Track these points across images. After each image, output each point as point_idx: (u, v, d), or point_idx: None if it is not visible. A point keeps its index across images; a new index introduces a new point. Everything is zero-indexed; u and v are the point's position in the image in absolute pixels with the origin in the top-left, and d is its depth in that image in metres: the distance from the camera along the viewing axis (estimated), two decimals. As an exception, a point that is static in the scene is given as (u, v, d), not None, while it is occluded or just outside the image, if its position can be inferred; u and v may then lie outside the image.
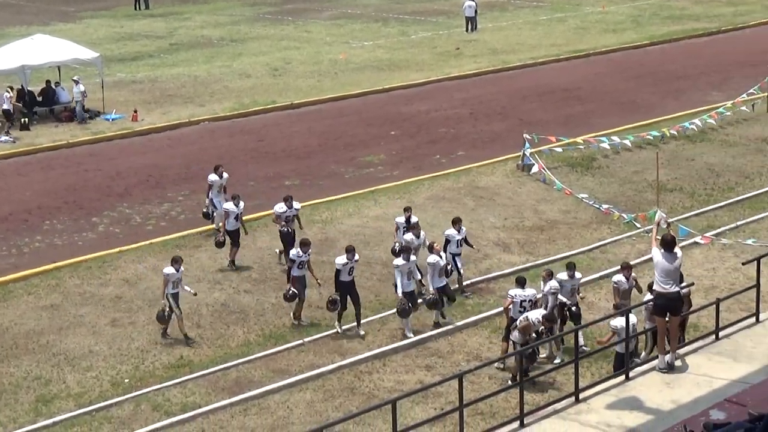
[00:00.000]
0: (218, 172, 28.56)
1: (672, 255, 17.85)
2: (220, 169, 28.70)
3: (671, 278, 17.81)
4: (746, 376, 17.53)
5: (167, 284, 23.21)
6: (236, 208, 26.67)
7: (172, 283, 23.25)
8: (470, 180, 32.79)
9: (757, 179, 33.24)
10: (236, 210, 26.66)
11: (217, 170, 28.66)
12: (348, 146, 37.05)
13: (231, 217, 26.63)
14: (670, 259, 17.78)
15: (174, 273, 23.26)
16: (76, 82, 40.96)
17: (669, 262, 17.75)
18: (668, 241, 18.10)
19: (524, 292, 22.10)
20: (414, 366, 22.22)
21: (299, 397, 21.09)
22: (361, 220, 29.45)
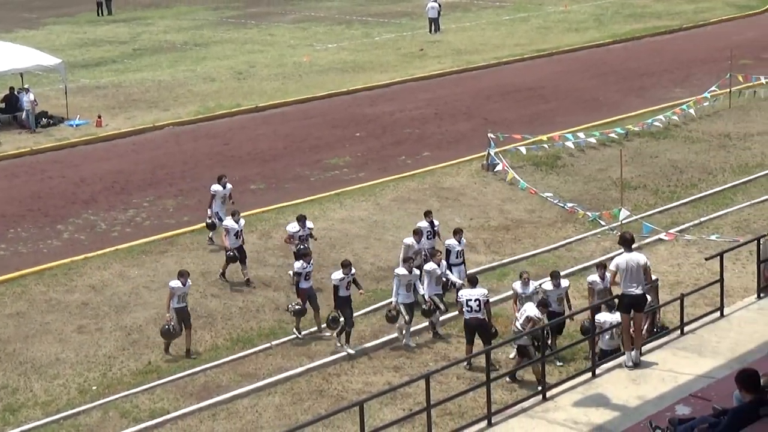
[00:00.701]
0: (221, 182, 27.96)
1: (632, 254, 17.95)
2: (223, 179, 28.05)
3: (635, 279, 17.89)
4: (711, 370, 17.62)
5: (172, 298, 22.64)
6: (236, 225, 25.90)
7: (178, 297, 22.69)
8: (435, 180, 32.84)
9: (720, 175, 33.44)
10: (236, 227, 25.89)
11: (220, 180, 28.05)
12: (313, 148, 37.02)
13: (231, 234, 25.84)
14: (632, 259, 17.86)
15: (180, 287, 22.68)
16: (27, 90, 40.70)
17: (631, 263, 17.83)
18: (627, 239, 18.20)
19: (472, 292, 22.15)
20: (382, 367, 22.23)
21: (268, 400, 21.06)
22: (327, 222, 29.44)
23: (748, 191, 31.87)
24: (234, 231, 25.87)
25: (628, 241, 18.15)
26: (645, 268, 18.10)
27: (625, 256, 17.99)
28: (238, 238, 25.98)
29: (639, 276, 17.94)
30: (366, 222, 29.28)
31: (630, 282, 17.90)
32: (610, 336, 19.94)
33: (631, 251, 18.04)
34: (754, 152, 35.54)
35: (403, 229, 28.65)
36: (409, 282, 23.12)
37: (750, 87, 42.07)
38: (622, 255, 18.09)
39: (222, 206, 27.78)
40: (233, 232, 25.86)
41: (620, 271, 17.88)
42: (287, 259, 26.82)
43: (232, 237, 25.85)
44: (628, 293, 17.96)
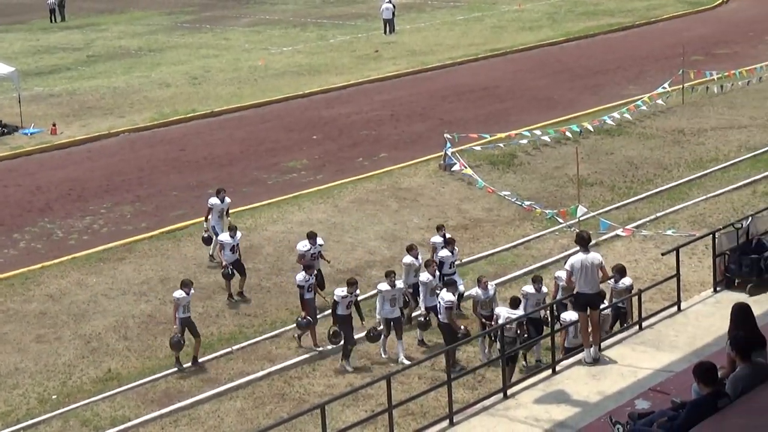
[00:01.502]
0: (220, 196, 27.16)
1: (588, 253, 18.02)
2: (222, 193, 27.29)
3: (590, 279, 17.96)
4: (669, 364, 17.76)
5: (178, 309, 22.36)
6: (231, 240, 25.38)
7: (183, 307, 22.37)
8: (393, 181, 32.87)
9: (674, 170, 33.66)
10: (231, 241, 25.37)
11: (219, 194, 27.26)
12: (270, 152, 36.96)
13: (227, 249, 25.33)
14: (587, 259, 17.93)
15: (185, 297, 22.33)
16: None
17: (586, 263, 17.91)
18: (583, 238, 18.28)
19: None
20: (344, 369, 22.20)
21: (229, 405, 21.01)
22: (286, 226, 29.40)
23: (703, 186, 32.10)
24: (229, 246, 25.34)
25: (584, 241, 18.22)
26: (600, 267, 18.16)
27: (580, 256, 18.05)
28: (234, 252, 25.41)
29: (594, 276, 17.99)
30: (325, 224, 29.26)
31: (585, 282, 17.98)
32: (574, 335, 20.01)
33: (587, 251, 18.10)
34: (707, 147, 35.80)
35: (362, 230, 28.69)
36: (393, 297, 22.63)
37: (702, 83, 42.40)
38: (577, 255, 18.17)
39: (219, 220, 26.97)
40: (228, 247, 25.33)
41: (575, 271, 17.96)
42: (245, 263, 26.73)
43: (228, 252, 25.29)
44: (583, 293, 18.05)
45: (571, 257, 18.43)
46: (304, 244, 24.92)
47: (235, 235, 25.55)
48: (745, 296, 20.14)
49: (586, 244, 18.17)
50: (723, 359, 13.18)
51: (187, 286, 22.56)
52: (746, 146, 35.64)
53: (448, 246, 24.63)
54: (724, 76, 42.64)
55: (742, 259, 21.13)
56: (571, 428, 15.90)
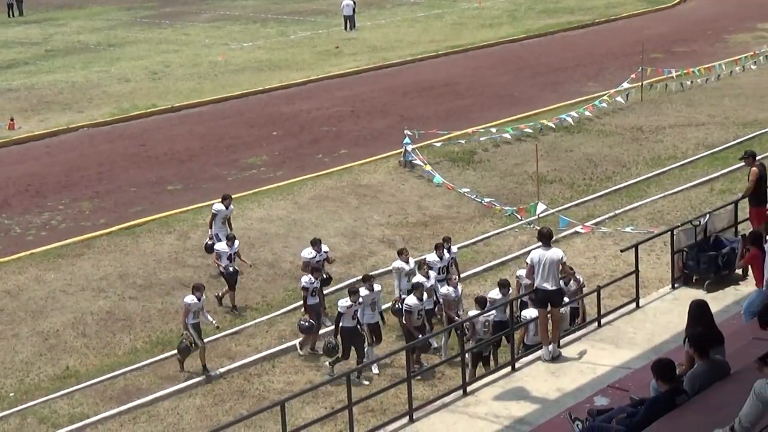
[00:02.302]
0: (225, 203, 26.47)
1: (549, 249, 18.06)
2: (228, 200, 26.63)
3: (550, 274, 18.01)
4: (628, 361, 17.86)
5: (188, 314, 21.83)
6: (228, 249, 24.82)
7: (193, 313, 21.85)
8: (353, 178, 32.84)
9: (633, 168, 33.81)
10: (228, 250, 24.81)
11: (224, 200, 26.56)
12: (230, 148, 36.83)
13: (224, 258, 24.79)
14: (547, 255, 17.97)
15: (196, 302, 21.80)
16: None
17: (545, 258, 17.94)
18: (544, 234, 18.32)
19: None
20: (303, 366, 22.20)
21: (189, 402, 20.93)
22: (246, 222, 29.30)
23: (661, 183, 32.26)
24: (226, 255, 24.81)
25: (545, 237, 18.26)
26: (561, 263, 18.20)
27: (540, 251, 18.08)
28: (232, 261, 24.89)
29: (554, 271, 18.01)
30: (285, 221, 29.20)
31: (544, 277, 18.00)
32: (535, 332, 20.04)
33: (548, 247, 18.13)
34: (666, 145, 35.98)
35: (322, 227, 28.64)
36: (373, 301, 21.99)
37: (661, 80, 42.63)
38: (537, 250, 18.21)
39: (223, 228, 26.25)
40: (225, 256, 24.82)
41: (534, 265, 17.97)
42: (205, 259, 26.69)
43: (225, 260, 24.81)
44: (542, 288, 18.07)
45: (532, 252, 18.46)
46: (308, 251, 24.00)
47: (233, 245, 24.97)
48: (702, 293, 20.29)
49: (547, 240, 18.20)
50: (681, 356, 13.27)
51: (200, 290, 22.00)
52: (704, 144, 35.85)
53: (437, 250, 23.78)
54: (683, 74, 42.89)
55: (699, 256, 21.29)
56: (531, 425, 15.96)
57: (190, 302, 21.83)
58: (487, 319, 20.52)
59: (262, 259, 27.02)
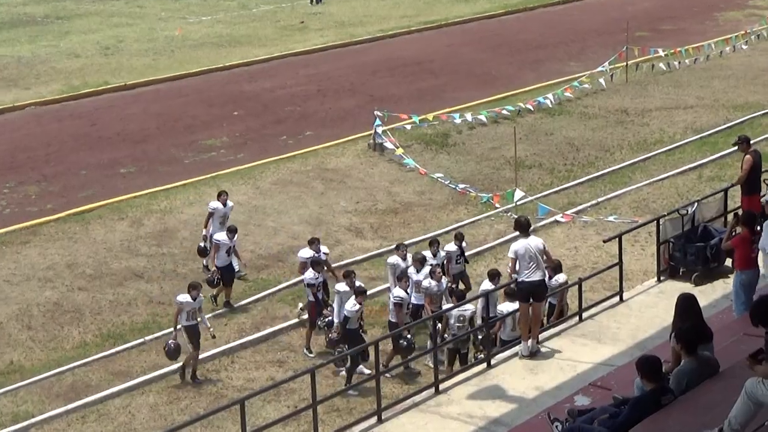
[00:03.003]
0: (221, 199, 25.69)
1: (530, 239, 18.07)
2: (224, 195, 25.86)
3: (535, 265, 17.98)
4: (611, 358, 17.90)
5: (180, 314, 21.25)
6: (229, 241, 24.27)
7: (188, 314, 21.19)
8: (319, 162, 32.78)
9: (617, 152, 33.89)
10: (228, 242, 24.25)
11: (220, 197, 25.79)
12: (188, 129, 36.70)
13: (222, 251, 24.15)
14: (530, 245, 17.96)
15: (190, 301, 21.18)
16: None
17: (530, 249, 17.92)
18: (522, 224, 18.29)
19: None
20: (264, 362, 22.14)
21: (142, 400, 20.84)
22: (203, 208, 29.06)
23: (646, 169, 32.34)
24: (225, 247, 24.23)
25: (524, 226, 18.21)
26: (544, 251, 18.20)
27: (522, 242, 18.02)
28: (230, 255, 24.40)
29: (539, 262, 17.99)
30: (245, 207, 29.11)
31: (530, 269, 17.93)
32: (512, 327, 20.03)
33: (528, 236, 18.10)
34: (652, 128, 36.09)
35: (285, 214, 28.56)
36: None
37: (647, 60, 42.73)
38: (519, 241, 18.12)
39: (221, 228, 25.17)
40: (224, 248, 24.20)
41: (519, 257, 17.92)
42: (159, 248, 26.60)
43: (222, 254, 24.18)
44: (528, 281, 17.99)
45: (513, 244, 18.36)
46: (306, 251, 23.52)
47: (233, 237, 24.49)
48: (690, 286, 20.39)
49: (526, 230, 18.16)
50: (667, 353, 13.29)
51: (196, 289, 21.40)
52: (692, 128, 35.98)
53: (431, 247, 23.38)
54: (670, 54, 43.01)
55: (687, 247, 21.36)
56: (507, 426, 15.97)
57: (183, 301, 21.23)
58: (462, 314, 20.46)
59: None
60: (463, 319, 20.46)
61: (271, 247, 27.11)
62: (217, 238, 24.52)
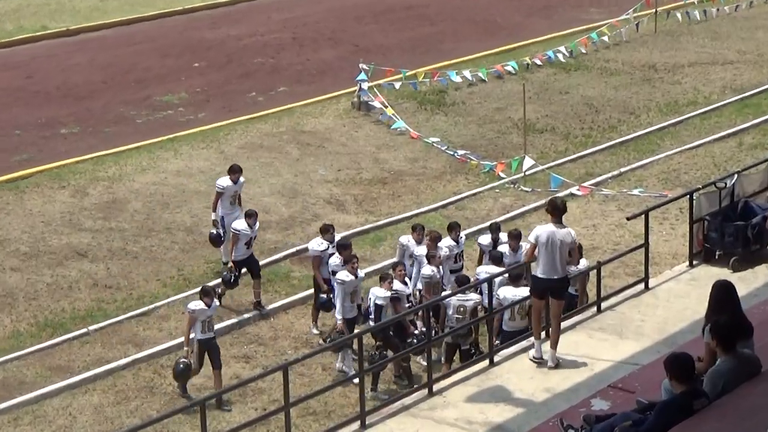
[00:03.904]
0: (233, 177, 24.87)
1: (560, 228, 17.63)
2: (236, 173, 24.98)
3: (557, 260, 17.59)
4: (634, 355, 17.91)
5: (193, 324, 20.62)
6: (250, 230, 23.52)
7: (202, 324, 20.61)
8: (294, 123, 32.73)
9: (643, 115, 33.89)
10: (250, 232, 23.53)
11: (232, 173, 24.96)
12: (140, 83, 36.62)
13: (241, 242, 23.42)
14: (558, 235, 17.55)
15: (204, 309, 20.55)
16: None
17: (556, 239, 17.54)
18: (558, 207, 17.78)
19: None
20: (229, 357, 22.13)
21: (84, 400, 20.85)
22: (158, 176, 29.15)
23: (677, 135, 32.37)
24: (246, 237, 23.53)
25: (559, 210, 17.77)
26: (572, 248, 17.80)
27: (549, 228, 17.62)
28: (250, 247, 23.77)
29: (561, 257, 17.58)
30: (207, 175, 29.06)
31: (549, 263, 17.52)
32: (510, 316, 20.01)
33: (560, 224, 17.75)
34: (684, 87, 36.09)
35: (255, 183, 28.53)
36: (355, 290, 21.51)
37: (680, 7, 42.71)
38: (545, 226, 17.76)
39: (231, 209, 24.76)
40: (244, 239, 23.50)
41: (540, 245, 17.62)
42: (107, 222, 26.57)
43: (241, 246, 23.50)
44: (545, 277, 17.69)
45: (537, 227, 18.10)
46: (318, 242, 23.05)
47: (254, 224, 23.72)
48: (727, 272, 20.39)
49: (560, 215, 17.75)
50: (700, 349, 13.29)
51: (209, 295, 20.85)
52: (731, 87, 36.01)
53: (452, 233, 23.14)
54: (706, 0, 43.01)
55: (724, 226, 21.33)
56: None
57: (197, 309, 20.62)
58: (462, 305, 20.41)
59: (179, 223, 26.92)
60: (463, 310, 20.42)
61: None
62: (237, 227, 23.60)
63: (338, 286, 21.44)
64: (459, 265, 22.98)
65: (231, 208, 24.84)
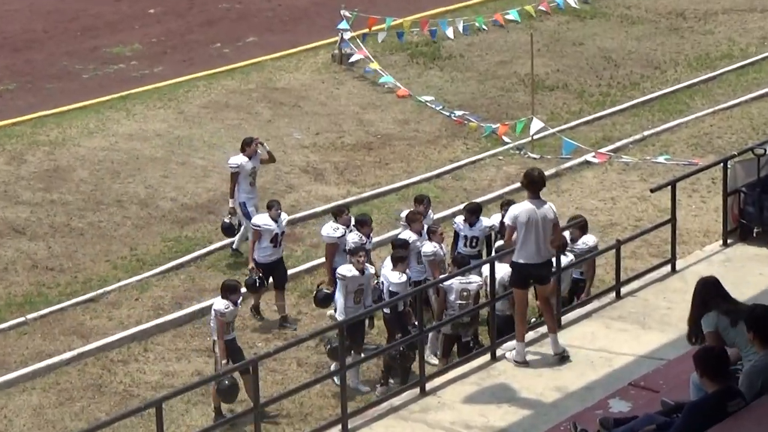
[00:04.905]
0: (248, 151, 24.47)
1: (537, 204, 17.65)
2: (254, 143, 24.73)
3: (542, 240, 17.67)
4: (658, 349, 17.93)
5: (222, 328, 19.98)
6: (275, 225, 22.80)
7: (228, 326, 20.11)
8: (265, 78, 32.72)
9: (670, 70, 33.90)
10: (274, 227, 22.79)
11: (246, 147, 24.58)
12: (87, 32, 36.56)
13: (265, 239, 22.79)
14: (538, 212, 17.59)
15: (233, 309, 20.08)
16: None
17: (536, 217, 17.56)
18: (534, 179, 17.76)
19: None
20: (189, 350, 22.17)
21: (22, 400, 20.85)
22: (108, 140, 29.11)
23: (709, 93, 32.39)
24: (271, 234, 22.84)
25: (535, 183, 17.81)
26: (554, 225, 17.80)
27: (526, 207, 17.63)
28: (277, 246, 23.09)
29: (545, 237, 17.63)
30: (164, 139, 29.08)
31: (532, 246, 17.53)
32: None
33: (537, 199, 17.73)
34: (717, 38, 36.11)
35: (219, 149, 28.52)
36: (360, 288, 20.90)
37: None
38: (522, 205, 17.75)
39: (251, 192, 24.49)
40: (269, 236, 22.86)
41: (519, 227, 17.60)
42: (48, 193, 26.52)
43: (266, 244, 22.89)
44: (528, 262, 17.68)
45: (512, 207, 18.05)
46: (333, 227, 22.52)
47: (279, 217, 23.03)
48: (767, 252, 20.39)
49: (538, 189, 17.76)
50: (734, 342, 13.32)
51: (235, 291, 20.33)
52: (772, 38, 36.11)
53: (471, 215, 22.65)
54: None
55: (764, 199, 21.33)
56: (518, 438, 16.09)
57: (226, 311, 20.02)
58: (465, 288, 20.36)
59: (131, 195, 26.88)
60: (466, 295, 20.37)
61: (199, 194, 27.06)
62: (258, 222, 23.03)
63: (339, 282, 20.89)
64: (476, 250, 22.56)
65: (251, 191, 24.56)
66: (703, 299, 13.80)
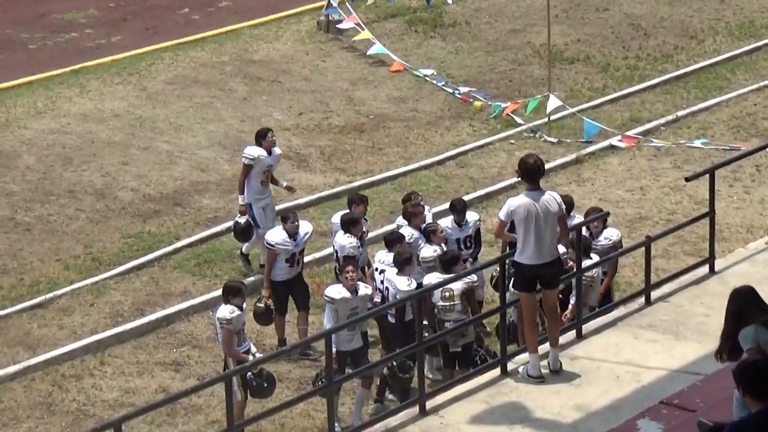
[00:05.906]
0: (265, 142, 24.17)
1: (540, 194, 17.62)
2: (269, 134, 24.42)
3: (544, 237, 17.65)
4: (694, 362, 17.96)
5: (231, 339, 20.08)
6: (292, 243, 22.34)
7: (237, 336, 20.14)
8: (241, 49, 32.77)
9: (708, 40, 33.96)
10: (290, 246, 22.31)
11: (261, 138, 24.31)
12: (34, -4, 36.69)
13: (281, 259, 22.38)
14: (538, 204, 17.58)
15: (239, 315, 19.95)
16: None
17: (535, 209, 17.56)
18: (530, 167, 17.66)
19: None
20: (153, 363, 22.20)
21: (-41, 421, 20.95)
22: (59, 121, 29.16)
23: (753, 67, 32.47)
24: (287, 253, 22.40)
25: (532, 172, 17.72)
26: (559, 217, 17.77)
27: (523, 199, 17.62)
28: (295, 265, 22.68)
29: (551, 232, 17.58)
30: (124, 119, 29.13)
31: (536, 243, 17.59)
32: None
33: (536, 190, 17.72)
34: (763, 2, 36.13)
35: (188, 131, 28.58)
36: (354, 312, 20.46)
37: None
38: (520, 197, 17.77)
39: (262, 191, 24.22)
40: (285, 255, 22.45)
41: (518, 223, 17.58)
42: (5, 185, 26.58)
43: (282, 264, 22.51)
44: (532, 263, 17.69)
45: (510, 200, 17.98)
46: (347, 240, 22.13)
47: (296, 231, 22.46)
48: (819, 250, 20.49)
49: (536, 179, 17.73)
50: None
51: (239, 294, 20.25)
52: (826, 2, 36.18)
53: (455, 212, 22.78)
54: None
55: (816, 189, 21.47)
56: (533, 465, 16.15)
57: (232, 317, 19.99)
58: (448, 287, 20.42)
59: (85, 184, 26.91)
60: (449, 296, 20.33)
61: (165, 183, 27.09)
62: (272, 239, 22.50)
63: (328, 306, 20.72)
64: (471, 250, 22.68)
65: (261, 191, 24.30)
66: (737, 311, 13.85)
